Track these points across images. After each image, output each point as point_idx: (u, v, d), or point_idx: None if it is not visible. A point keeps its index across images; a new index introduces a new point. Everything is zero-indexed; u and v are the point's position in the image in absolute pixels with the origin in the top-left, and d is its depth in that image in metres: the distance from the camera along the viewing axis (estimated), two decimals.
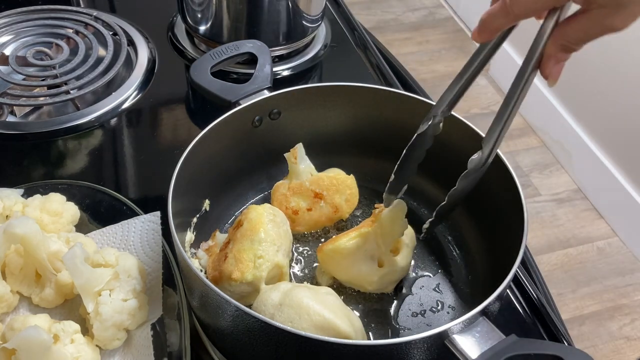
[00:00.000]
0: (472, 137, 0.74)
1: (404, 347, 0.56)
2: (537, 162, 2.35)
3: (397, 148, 0.71)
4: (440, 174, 0.77)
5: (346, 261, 0.72)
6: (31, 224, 0.67)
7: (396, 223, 0.71)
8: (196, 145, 0.72)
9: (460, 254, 0.80)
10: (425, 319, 0.73)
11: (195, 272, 0.60)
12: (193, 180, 0.73)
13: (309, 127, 0.83)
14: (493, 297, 0.58)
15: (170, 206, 0.65)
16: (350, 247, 0.72)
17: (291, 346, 0.58)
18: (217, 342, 0.70)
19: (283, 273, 0.71)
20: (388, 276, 0.73)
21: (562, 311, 0.85)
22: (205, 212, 0.79)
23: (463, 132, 0.75)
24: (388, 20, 2.97)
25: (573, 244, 2.08)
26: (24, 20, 1.12)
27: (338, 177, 0.80)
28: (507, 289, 0.62)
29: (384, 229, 0.71)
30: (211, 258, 0.74)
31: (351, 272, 0.73)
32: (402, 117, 0.79)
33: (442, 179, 0.79)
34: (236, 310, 0.57)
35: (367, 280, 0.73)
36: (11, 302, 0.69)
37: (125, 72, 1.06)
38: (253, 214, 0.72)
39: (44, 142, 0.94)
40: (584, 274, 2.00)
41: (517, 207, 0.67)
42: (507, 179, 0.70)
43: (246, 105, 0.78)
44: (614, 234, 2.12)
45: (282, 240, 0.72)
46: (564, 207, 2.20)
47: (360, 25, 1.22)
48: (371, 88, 0.81)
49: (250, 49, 0.87)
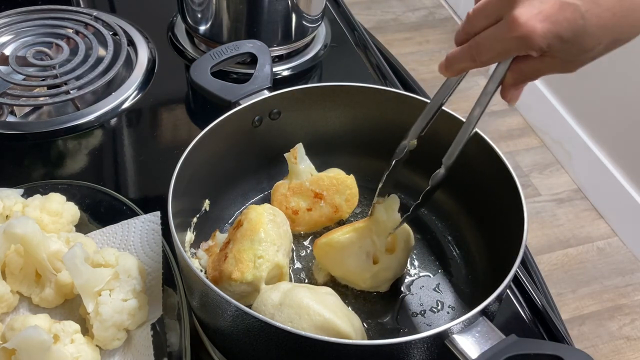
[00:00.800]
0: (471, 138, 0.74)
1: (404, 347, 0.56)
2: (537, 162, 2.35)
3: (397, 148, 0.71)
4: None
5: (340, 255, 0.72)
6: (31, 224, 0.67)
7: (389, 216, 0.71)
8: (196, 145, 0.72)
9: (460, 254, 0.80)
10: (425, 319, 0.73)
11: (195, 272, 0.60)
12: (193, 180, 0.73)
13: (309, 127, 0.83)
14: (493, 297, 0.58)
15: (170, 206, 0.65)
16: (343, 241, 0.72)
17: (291, 346, 0.58)
18: (217, 342, 0.70)
19: (283, 273, 0.71)
20: (382, 274, 0.73)
21: (562, 311, 0.85)
22: (205, 212, 0.79)
23: None
24: (388, 20, 2.97)
25: (573, 244, 2.08)
26: (24, 20, 1.12)
27: (338, 177, 0.80)
28: (507, 289, 0.62)
29: (378, 223, 0.71)
30: (211, 258, 0.74)
31: (345, 267, 0.73)
32: (402, 117, 0.79)
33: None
34: (236, 310, 0.57)
35: (361, 276, 0.73)
36: (11, 302, 0.69)
37: (125, 72, 1.06)
38: (253, 214, 0.72)
39: (44, 142, 0.94)
40: (584, 274, 2.00)
41: (517, 207, 0.67)
42: (507, 179, 0.70)
43: (246, 105, 0.78)
44: (614, 234, 2.12)
45: (282, 240, 0.72)
46: (564, 207, 2.20)
47: (360, 25, 1.22)
48: (371, 88, 0.81)
49: (250, 49, 0.87)
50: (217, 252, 0.74)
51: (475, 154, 0.74)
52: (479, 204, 0.78)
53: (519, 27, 0.49)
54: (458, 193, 0.80)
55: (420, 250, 0.80)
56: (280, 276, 0.72)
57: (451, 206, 0.82)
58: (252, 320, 0.57)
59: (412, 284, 0.76)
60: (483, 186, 0.76)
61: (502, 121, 2.49)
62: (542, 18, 0.49)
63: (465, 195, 0.80)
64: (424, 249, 0.80)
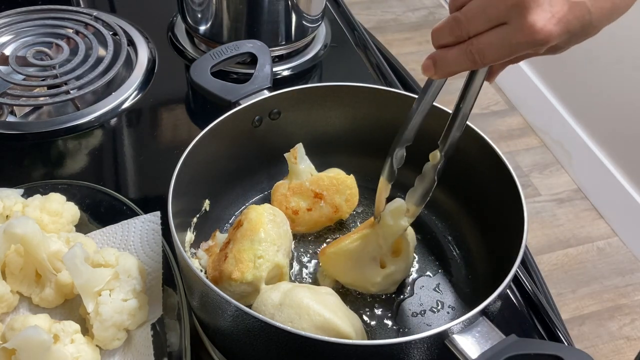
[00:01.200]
0: (473, 137, 0.74)
1: (404, 347, 0.56)
2: (537, 162, 2.35)
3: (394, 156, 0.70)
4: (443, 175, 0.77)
5: (349, 263, 0.72)
6: (31, 224, 0.67)
7: (396, 222, 0.71)
8: (196, 145, 0.72)
9: (460, 254, 0.80)
10: (425, 319, 0.73)
11: (195, 272, 0.60)
12: (193, 180, 0.73)
13: (309, 127, 0.83)
14: (493, 297, 0.58)
15: (170, 206, 0.65)
16: (352, 249, 0.71)
17: (292, 346, 0.58)
18: (217, 342, 0.70)
19: (283, 273, 0.71)
20: (391, 276, 0.73)
21: (562, 311, 0.85)
22: (205, 212, 0.79)
23: (465, 133, 0.75)
24: (388, 20, 2.97)
25: (573, 244, 2.08)
26: (24, 20, 1.12)
27: (338, 177, 0.80)
28: (507, 289, 0.62)
29: (385, 228, 0.71)
30: (211, 258, 0.74)
31: (354, 274, 0.73)
32: (402, 117, 0.79)
33: (444, 179, 0.80)
34: (236, 310, 0.57)
35: (371, 281, 0.73)
36: (11, 302, 0.69)
37: (125, 72, 1.06)
38: (253, 214, 0.72)
39: (44, 142, 0.94)
40: (584, 274, 2.00)
41: (517, 207, 0.67)
42: (507, 179, 0.70)
43: (246, 105, 0.78)
44: (614, 234, 2.12)
45: (282, 241, 0.72)
46: (564, 207, 2.20)
47: (360, 25, 1.22)
48: (371, 88, 0.81)
49: (250, 49, 0.87)
50: (217, 252, 0.74)
51: (475, 154, 0.74)
52: (479, 204, 0.78)
53: (535, 33, 0.49)
54: (458, 193, 0.80)
55: (421, 250, 0.80)
56: (281, 276, 0.72)
57: (451, 206, 0.82)
58: (252, 321, 0.57)
59: (412, 284, 0.76)
60: (483, 186, 0.76)
61: (502, 121, 2.49)
62: (555, 21, 0.49)
63: (466, 195, 0.80)
64: (424, 249, 0.80)
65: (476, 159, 0.74)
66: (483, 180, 0.75)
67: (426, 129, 0.66)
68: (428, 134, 0.65)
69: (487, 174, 0.74)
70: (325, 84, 0.81)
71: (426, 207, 0.84)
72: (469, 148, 0.74)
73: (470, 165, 0.76)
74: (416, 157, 0.82)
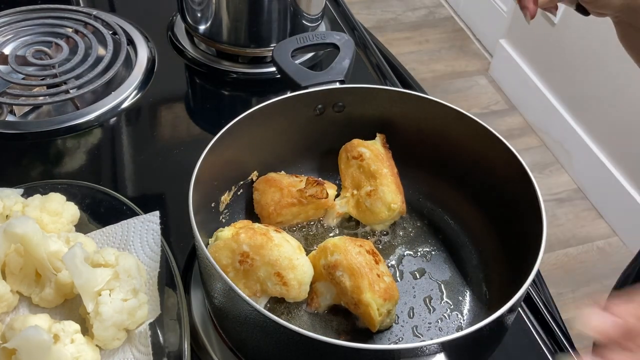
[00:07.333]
0: (481, 133, 0.76)
1: (418, 351, 0.55)
2: (537, 162, 2.35)
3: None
4: (447, 169, 0.79)
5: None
6: (31, 224, 0.67)
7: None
8: (255, 112, 0.72)
9: (476, 255, 0.78)
10: (438, 324, 0.72)
11: (220, 272, 0.59)
12: (241, 147, 0.73)
13: (371, 127, 0.82)
14: (455, 336, 0.55)
15: (197, 169, 0.65)
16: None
17: (303, 349, 0.58)
18: (232, 335, 0.69)
19: None
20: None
21: (562, 311, 0.85)
22: (249, 182, 0.79)
23: (472, 129, 0.78)
24: (388, 19, 2.98)
25: (573, 244, 2.08)
26: (24, 19, 1.11)
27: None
28: (519, 304, 0.61)
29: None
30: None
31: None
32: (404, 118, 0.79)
33: (448, 174, 0.81)
34: (252, 311, 0.57)
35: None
36: (11, 302, 0.69)
37: (125, 72, 1.06)
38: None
39: (43, 142, 0.94)
40: (584, 274, 2.00)
41: (534, 212, 0.67)
42: (525, 181, 0.70)
43: (313, 90, 0.78)
44: (614, 233, 2.12)
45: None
46: (564, 207, 2.20)
47: (360, 25, 1.22)
48: (437, 102, 0.79)
49: (337, 41, 0.87)
50: None
51: (493, 157, 0.76)
52: (494, 206, 0.76)
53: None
54: (473, 194, 0.80)
55: (435, 254, 0.79)
56: None
57: (467, 208, 0.81)
58: (270, 322, 0.56)
59: (417, 285, 0.75)
60: (498, 187, 0.75)
61: (502, 121, 2.49)
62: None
63: (481, 197, 0.79)
64: (439, 253, 0.79)
65: (493, 161, 0.76)
66: (500, 181, 0.75)
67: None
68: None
69: (503, 176, 0.74)
70: (395, 88, 0.81)
71: (429, 200, 0.83)
72: (477, 144, 0.76)
73: (487, 166, 0.77)
74: (416, 156, 0.83)
